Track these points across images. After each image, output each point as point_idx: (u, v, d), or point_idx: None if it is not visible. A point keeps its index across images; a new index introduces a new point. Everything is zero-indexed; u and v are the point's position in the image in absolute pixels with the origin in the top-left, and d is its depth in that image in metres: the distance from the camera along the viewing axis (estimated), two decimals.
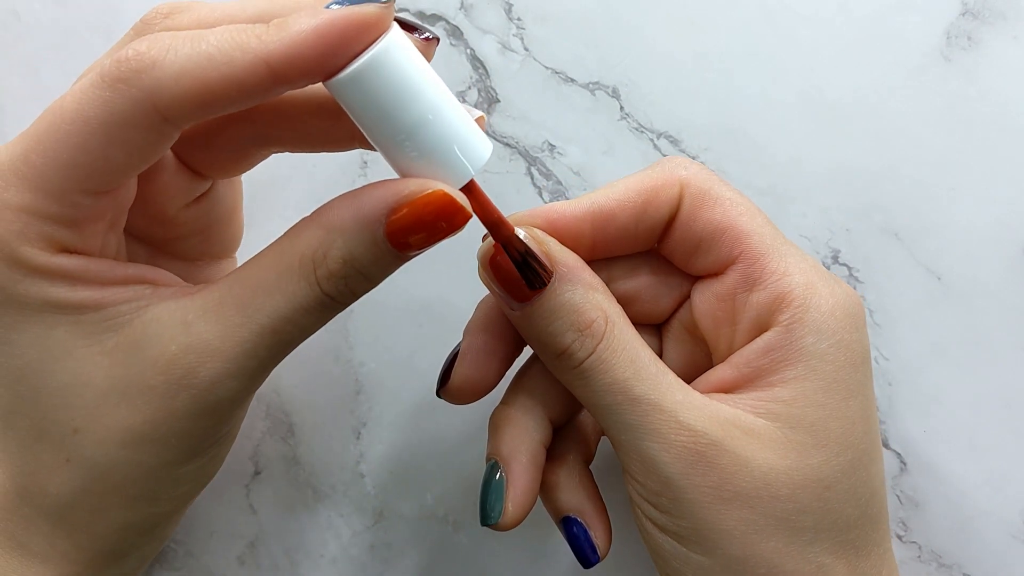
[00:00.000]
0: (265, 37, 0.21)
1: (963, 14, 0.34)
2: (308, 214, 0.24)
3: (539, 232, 0.25)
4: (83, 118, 0.22)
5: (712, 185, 0.26)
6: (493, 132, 0.35)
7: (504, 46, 0.35)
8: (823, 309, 0.25)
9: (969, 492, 0.33)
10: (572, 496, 0.27)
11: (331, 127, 0.25)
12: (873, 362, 0.33)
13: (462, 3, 0.35)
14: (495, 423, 0.27)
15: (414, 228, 0.23)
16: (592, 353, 0.24)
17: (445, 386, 0.27)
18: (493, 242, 0.24)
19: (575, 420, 0.29)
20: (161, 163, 0.26)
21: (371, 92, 0.21)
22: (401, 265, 0.24)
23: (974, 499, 0.33)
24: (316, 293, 0.23)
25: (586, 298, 0.25)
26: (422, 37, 0.24)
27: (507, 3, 0.35)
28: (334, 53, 0.21)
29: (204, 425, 0.24)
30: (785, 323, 0.25)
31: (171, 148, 0.26)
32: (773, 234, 0.26)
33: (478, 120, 0.24)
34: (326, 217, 0.23)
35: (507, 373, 0.28)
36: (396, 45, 0.21)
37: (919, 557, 0.33)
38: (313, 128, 0.26)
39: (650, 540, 0.25)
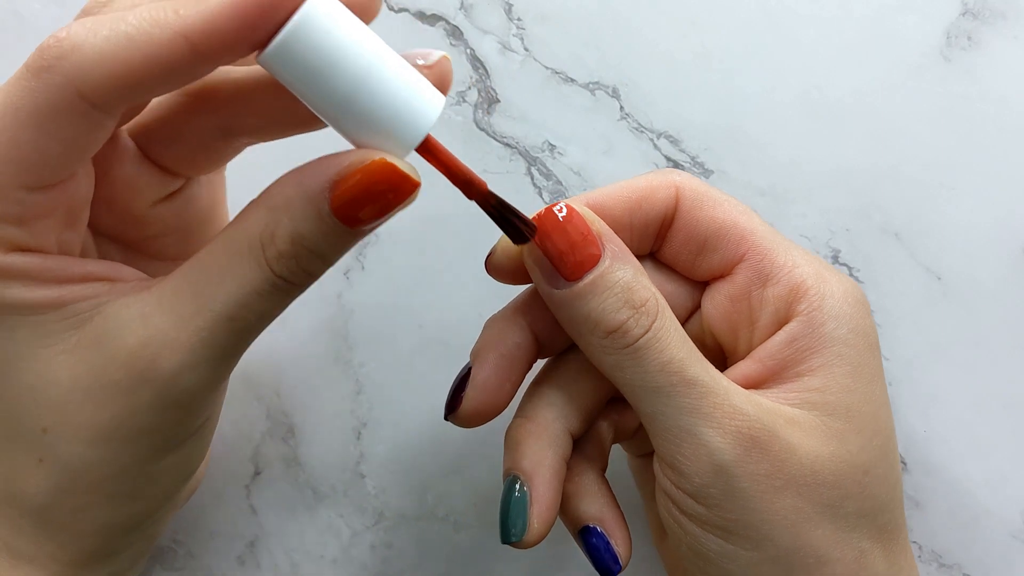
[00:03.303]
0: (183, 11, 0.20)
1: (963, 14, 0.34)
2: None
3: (588, 211, 0.25)
4: (12, 111, 0.21)
5: (707, 189, 0.27)
6: (493, 132, 0.35)
7: (504, 46, 0.35)
8: (837, 296, 0.25)
9: (969, 492, 0.33)
10: (591, 505, 0.26)
11: (294, 106, 0.24)
12: None
13: (462, 3, 0.35)
14: (515, 437, 0.26)
15: (360, 201, 0.22)
16: (648, 330, 0.24)
17: (455, 412, 0.26)
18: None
19: (590, 428, 0.28)
20: (120, 157, 0.25)
21: (300, 63, 0.20)
22: (356, 241, 0.23)
23: (974, 499, 0.33)
24: (268, 275, 0.22)
25: (637, 278, 0.24)
26: None
27: (507, 3, 0.35)
28: (254, 24, 0.20)
29: (171, 419, 0.24)
30: (805, 312, 0.25)
31: (136, 143, 0.26)
32: (772, 231, 0.27)
33: (440, 60, 0.23)
34: (271, 196, 0.22)
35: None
36: (319, 11, 0.20)
37: (919, 557, 0.33)
38: (276, 109, 0.25)
39: (688, 542, 0.25)
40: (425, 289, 0.34)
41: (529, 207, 0.25)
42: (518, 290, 0.27)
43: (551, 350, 0.27)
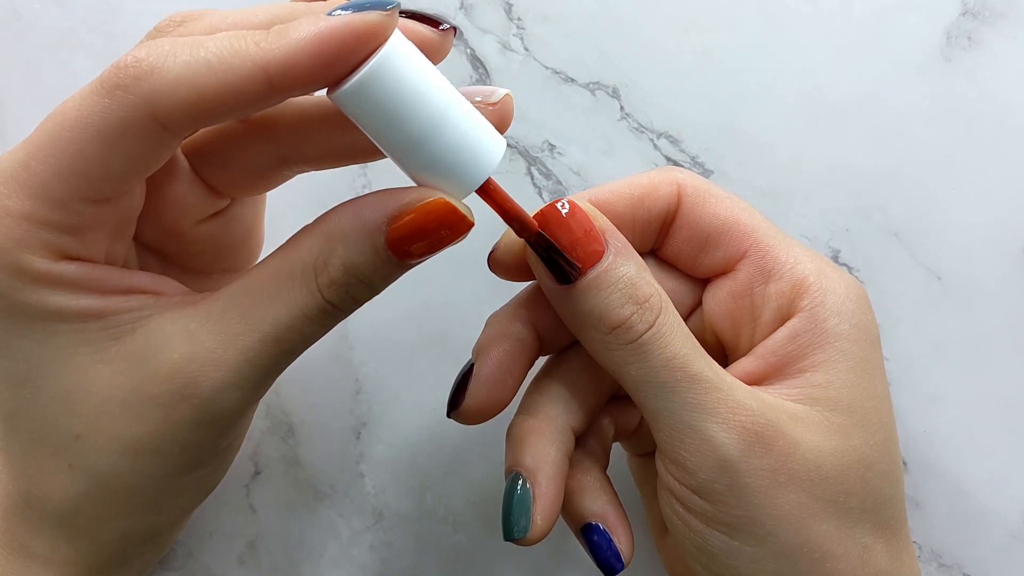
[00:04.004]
0: (264, 44, 0.21)
1: (963, 14, 0.34)
2: (309, 221, 0.24)
3: (591, 207, 0.25)
4: (82, 125, 0.21)
5: (709, 186, 0.27)
6: None
7: (504, 46, 0.35)
8: (839, 292, 0.25)
9: (969, 492, 0.33)
10: (594, 502, 0.26)
11: (354, 139, 0.25)
12: None
13: (462, 3, 0.35)
14: (517, 434, 0.26)
15: (415, 237, 0.22)
16: (652, 326, 0.24)
17: (458, 408, 0.26)
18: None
19: (592, 425, 0.28)
20: (174, 175, 0.26)
21: (374, 104, 0.21)
22: (403, 273, 0.24)
23: (974, 499, 0.33)
24: (318, 301, 0.23)
25: (640, 274, 0.24)
26: (440, 29, 0.23)
27: (507, 3, 0.35)
28: (333, 62, 0.21)
29: (206, 436, 0.24)
30: (808, 308, 0.25)
31: (190, 164, 0.26)
32: (774, 227, 0.27)
33: (504, 99, 0.24)
34: (327, 225, 0.23)
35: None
36: (398, 53, 0.21)
37: (919, 557, 0.33)
38: (337, 141, 0.26)
39: (691, 539, 0.25)
40: (425, 288, 0.34)
41: (529, 207, 0.25)
42: (518, 288, 0.27)
43: (553, 347, 0.27)
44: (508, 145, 0.35)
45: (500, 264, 0.26)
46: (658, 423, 0.24)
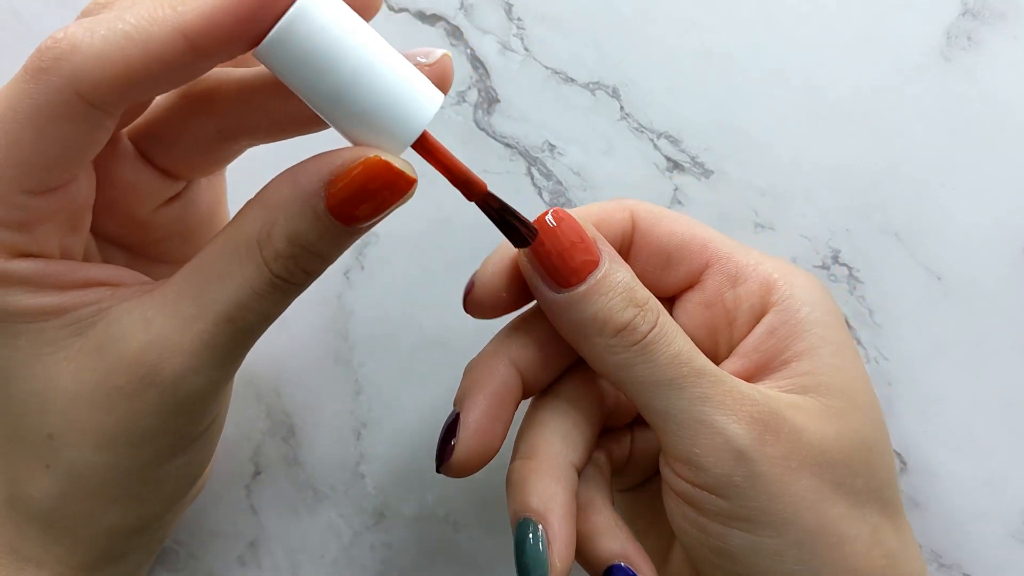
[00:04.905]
0: (180, 8, 0.20)
1: (963, 14, 0.34)
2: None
3: (581, 217, 0.25)
4: (11, 114, 0.21)
5: (661, 208, 0.28)
6: (493, 132, 0.35)
7: (504, 46, 0.35)
8: (804, 285, 0.26)
9: (969, 492, 0.33)
10: (612, 542, 0.25)
11: (293, 107, 0.24)
12: (873, 362, 0.33)
13: (462, 3, 0.35)
14: (518, 479, 0.25)
15: (356, 199, 0.22)
16: (655, 326, 0.24)
17: (447, 462, 0.25)
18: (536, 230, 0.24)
19: (589, 463, 0.27)
20: (119, 160, 0.25)
21: (295, 56, 0.20)
22: (355, 239, 0.23)
23: (974, 499, 0.33)
24: (266, 275, 0.22)
25: (635, 279, 0.25)
26: None
27: (507, 3, 0.35)
28: (251, 19, 0.20)
29: (177, 423, 0.24)
30: (779, 302, 0.26)
31: (136, 147, 0.26)
32: (728, 238, 0.28)
33: (441, 58, 0.23)
34: (266, 196, 0.22)
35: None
36: (316, 4, 0.20)
37: None
38: (276, 110, 0.25)
39: (710, 544, 0.24)
40: (425, 289, 0.34)
41: (529, 207, 0.25)
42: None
43: (536, 387, 0.27)
44: (508, 145, 0.35)
45: (484, 290, 0.26)
46: (667, 424, 0.24)
